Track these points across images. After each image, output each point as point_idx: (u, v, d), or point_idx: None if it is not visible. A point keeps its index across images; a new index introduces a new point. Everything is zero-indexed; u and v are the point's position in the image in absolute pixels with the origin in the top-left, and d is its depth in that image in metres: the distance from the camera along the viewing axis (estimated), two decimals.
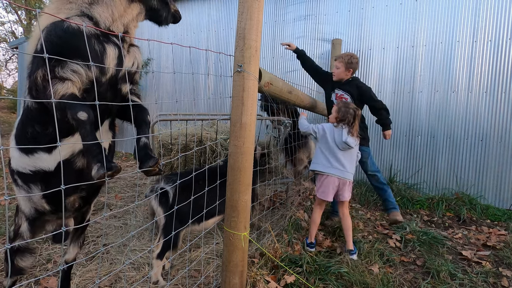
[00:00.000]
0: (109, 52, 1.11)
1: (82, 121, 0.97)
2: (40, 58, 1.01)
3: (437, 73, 3.80)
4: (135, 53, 1.27)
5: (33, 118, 1.14)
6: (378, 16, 4.10)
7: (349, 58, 2.70)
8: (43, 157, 1.15)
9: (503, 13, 3.46)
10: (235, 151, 1.52)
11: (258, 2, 1.42)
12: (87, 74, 1.05)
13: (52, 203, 1.24)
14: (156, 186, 1.97)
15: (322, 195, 2.33)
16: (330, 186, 2.29)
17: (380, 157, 4.14)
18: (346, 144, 2.23)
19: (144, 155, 1.16)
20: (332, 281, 1.89)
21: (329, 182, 2.29)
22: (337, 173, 2.28)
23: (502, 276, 2.13)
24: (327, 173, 2.30)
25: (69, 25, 1.01)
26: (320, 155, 2.36)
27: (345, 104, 2.33)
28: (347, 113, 2.26)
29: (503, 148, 3.48)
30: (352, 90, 2.75)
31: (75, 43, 1.00)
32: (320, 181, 2.35)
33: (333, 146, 2.29)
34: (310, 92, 4.46)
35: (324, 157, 2.32)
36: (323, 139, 2.34)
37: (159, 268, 1.84)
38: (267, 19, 4.95)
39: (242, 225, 1.56)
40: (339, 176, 2.28)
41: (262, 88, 1.75)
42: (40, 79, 1.01)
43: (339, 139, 2.26)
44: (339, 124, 2.31)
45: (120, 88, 1.22)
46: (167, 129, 2.66)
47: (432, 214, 3.39)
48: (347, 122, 2.27)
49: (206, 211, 1.86)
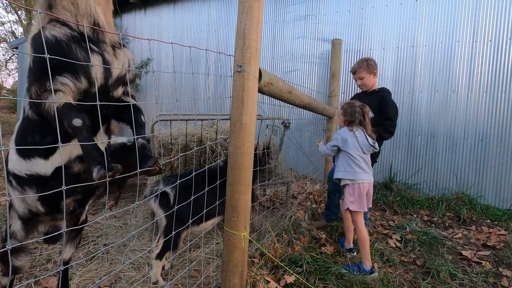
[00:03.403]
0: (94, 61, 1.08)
1: (77, 127, 1.00)
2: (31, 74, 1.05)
3: (437, 73, 3.80)
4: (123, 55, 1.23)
5: (33, 127, 1.17)
6: (378, 16, 4.10)
7: (365, 62, 2.56)
8: (39, 163, 1.18)
9: (503, 13, 3.46)
10: (235, 151, 1.52)
11: (258, 2, 1.42)
12: (76, 85, 1.06)
13: (47, 205, 1.26)
14: (156, 188, 1.97)
15: (358, 207, 2.06)
16: (362, 193, 2.06)
17: (380, 157, 4.13)
18: (372, 147, 2.09)
19: (143, 155, 1.16)
20: (332, 281, 1.89)
21: (360, 189, 2.07)
22: (368, 177, 2.09)
23: (502, 276, 2.13)
24: (357, 179, 2.08)
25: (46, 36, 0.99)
26: (345, 161, 2.13)
27: (350, 104, 2.18)
28: (354, 112, 2.12)
29: (503, 148, 3.48)
30: (374, 102, 2.49)
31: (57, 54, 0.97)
32: (351, 192, 2.10)
33: (359, 151, 2.10)
34: (310, 92, 4.46)
35: (352, 163, 2.09)
36: (345, 146, 2.13)
37: (158, 268, 1.84)
38: (267, 19, 4.95)
39: (242, 225, 1.56)
40: (369, 181, 2.10)
41: (262, 88, 1.75)
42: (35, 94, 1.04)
43: (364, 143, 2.08)
44: (351, 126, 2.13)
45: (113, 95, 1.22)
46: (167, 129, 2.66)
47: (432, 214, 3.39)
48: (358, 123, 2.12)
49: (206, 211, 1.86)
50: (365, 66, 2.56)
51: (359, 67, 2.59)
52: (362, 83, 2.65)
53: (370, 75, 2.59)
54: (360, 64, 2.59)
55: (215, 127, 2.94)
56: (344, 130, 2.17)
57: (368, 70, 2.56)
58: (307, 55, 4.67)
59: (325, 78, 4.53)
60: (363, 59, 2.61)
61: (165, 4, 6.16)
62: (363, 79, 2.61)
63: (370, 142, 2.08)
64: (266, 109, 4.04)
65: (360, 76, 2.61)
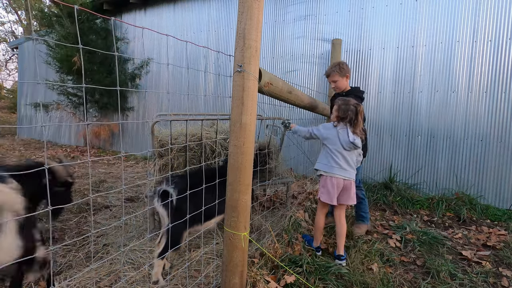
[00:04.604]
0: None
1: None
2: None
3: (437, 73, 3.80)
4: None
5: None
6: (378, 16, 4.10)
7: (338, 65, 2.66)
8: None
9: (503, 13, 3.46)
10: (235, 151, 1.52)
11: (258, 2, 1.42)
12: None
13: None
14: (159, 188, 1.97)
15: (326, 198, 2.19)
16: (333, 187, 2.16)
17: (380, 157, 4.14)
18: (354, 145, 2.13)
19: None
20: (332, 281, 1.89)
21: (332, 183, 2.17)
22: (341, 173, 2.16)
23: (502, 276, 2.13)
24: (330, 173, 2.18)
25: None
26: (324, 155, 2.24)
27: (345, 102, 2.20)
28: (347, 110, 2.15)
29: (503, 148, 3.48)
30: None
31: None
32: (323, 183, 2.22)
33: (338, 147, 2.17)
34: (310, 92, 4.46)
35: (330, 157, 2.19)
36: (326, 140, 2.22)
37: (159, 267, 1.84)
38: (267, 19, 4.95)
39: (242, 225, 1.56)
40: (343, 177, 2.16)
41: (262, 88, 1.75)
42: None
43: (345, 139, 2.14)
44: (340, 122, 2.19)
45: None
46: (167, 129, 2.66)
47: (432, 214, 3.39)
48: (348, 120, 2.16)
49: (208, 211, 1.86)
50: (338, 69, 2.66)
51: (332, 71, 2.70)
52: (336, 86, 2.75)
53: (343, 78, 2.69)
54: (333, 68, 2.70)
55: (215, 127, 2.94)
56: (329, 125, 2.27)
57: (340, 73, 2.67)
58: (307, 55, 4.67)
59: (325, 78, 4.52)
60: (336, 62, 2.73)
61: (165, 4, 6.16)
62: (336, 82, 2.72)
63: (350, 138, 2.13)
64: (266, 109, 4.04)
65: (333, 79, 2.72)
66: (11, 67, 19.29)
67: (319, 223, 2.32)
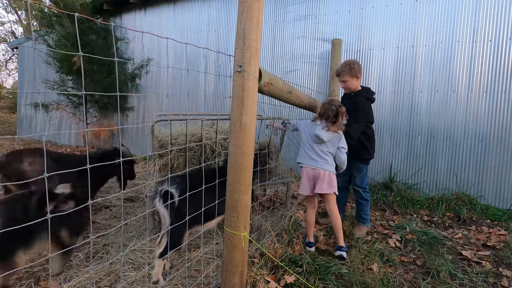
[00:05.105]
0: None
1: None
2: None
3: (437, 73, 3.80)
4: None
5: None
6: (378, 16, 4.10)
7: (348, 65, 2.59)
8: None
9: (503, 13, 3.46)
10: (235, 151, 1.52)
11: (258, 2, 1.42)
12: None
13: None
14: (160, 188, 1.97)
15: (302, 189, 2.36)
16: (305, 177, 2.34)
17: (380, 157, 4.14)
18: (317, 137, 2.26)
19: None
20: (332, 281, 1.89)
21: (303, 173, 2.35)
22: (310, 163, 2.30)
23: (502, 276, 2.13)
24: (301, 163, 2.37)
25: None
26: (301, 148, 2.44)
27: (330, 101, 2.36)
28: (328, 109, 2.28)
29: (503, 148, 3.48)
30: (349, 106, 2.50)
31: None
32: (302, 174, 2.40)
33: (308, 139, 2.34)
34: (310, 92, 4.46)
35: (302, 149, 2.40)
36: (301, 133, 2.43)
37: (160, 267, 1.84)
38: (267, 19, 4.95)
39: (242, 225, 1.56)
40: (312, 166, 2.29)
41: (262, 88, 1.75)
42: None
43: (313, 133, 2.30)
44: (317, 119, 2.33)
45: None
46: (167, 129, 2.66)
47: (432, 214, 3.39)
48: (325, 118, 2.29)
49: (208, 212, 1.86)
50: (348, 69, 2.59)
51: (342, 71, 2.63)
52: (345, 86, 2.69)
53: (353, 78, 2.61)
54: (343, 67, 2.62)
55: (215, 127, 2.94)
56: (307, 121, 2.46)
57: (350, 73, 2.60)
58: (307, 55, 4.67)
59: (325, 78, 4.53)
60: (347, 62, 2.63)
61: (165, 4, 6.16)
62: (345, 82, 2.65)
63: (316, 131, 2.27)
64: (266, 109, 4.04)
65: (343, 79, 2.64)
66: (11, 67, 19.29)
67: (309, 218, 2.41)
